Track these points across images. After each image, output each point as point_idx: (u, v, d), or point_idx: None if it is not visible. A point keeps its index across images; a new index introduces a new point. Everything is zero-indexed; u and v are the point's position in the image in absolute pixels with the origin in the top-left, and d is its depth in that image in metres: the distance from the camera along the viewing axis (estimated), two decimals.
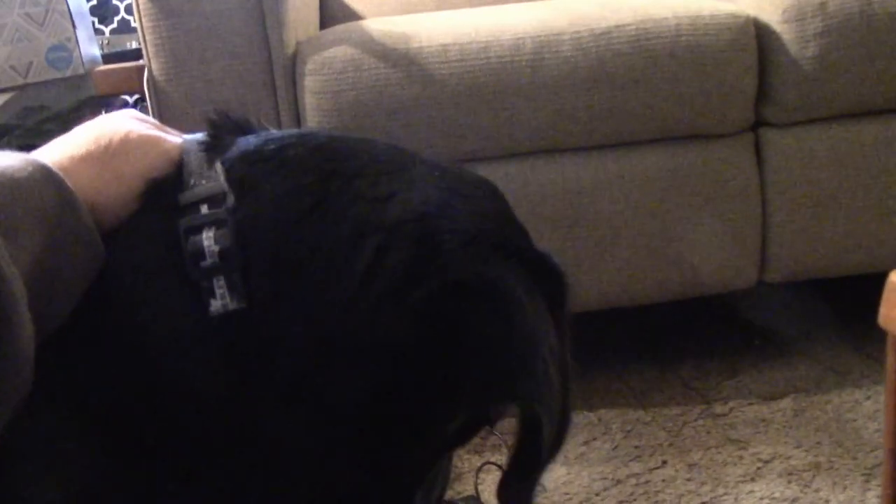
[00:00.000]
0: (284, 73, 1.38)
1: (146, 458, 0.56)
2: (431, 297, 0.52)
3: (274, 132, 0.61)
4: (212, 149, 0.60)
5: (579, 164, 1.42)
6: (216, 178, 0.57)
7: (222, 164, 0.58)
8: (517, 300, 0.53)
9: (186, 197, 0.56)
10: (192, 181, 0.57)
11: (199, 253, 0.54)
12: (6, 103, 1.41)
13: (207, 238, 0.54)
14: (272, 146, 0.58)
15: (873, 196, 1.46)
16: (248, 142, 0.60)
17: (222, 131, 0.62)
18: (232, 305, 0.53)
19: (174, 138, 0.61)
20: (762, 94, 1.43)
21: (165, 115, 1.38)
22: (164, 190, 0.58)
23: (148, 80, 1.38)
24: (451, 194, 0.57)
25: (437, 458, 0.59)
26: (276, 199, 0.55)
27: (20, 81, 1.39)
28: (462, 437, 0.59)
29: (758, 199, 1.46)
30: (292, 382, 0.54)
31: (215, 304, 0.54)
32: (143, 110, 1.63)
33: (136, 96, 1.96)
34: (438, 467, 0.61)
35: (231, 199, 0.56)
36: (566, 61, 1.36)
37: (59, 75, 1.39)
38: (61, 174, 0.54)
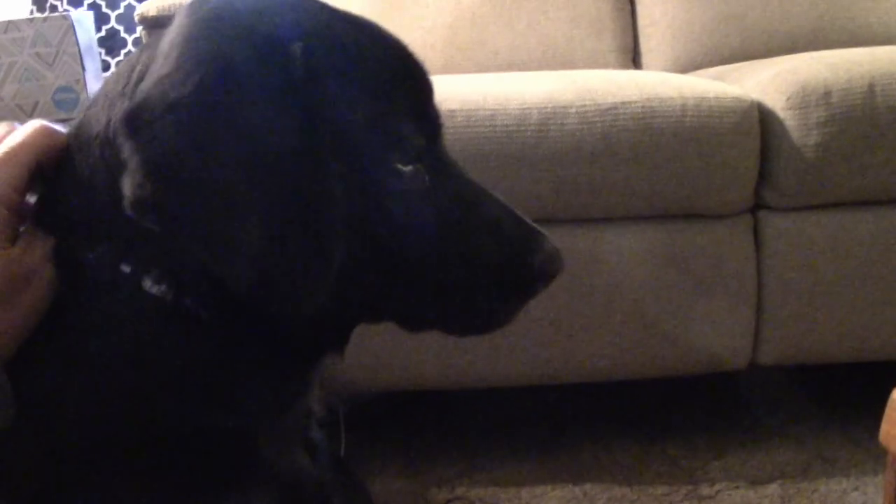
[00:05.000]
0: None
1: None
2: None
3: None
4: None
5: (577, 236, 1.42)
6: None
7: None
8: None
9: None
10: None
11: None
12: None
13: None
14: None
15: (869, 285, 1.46)
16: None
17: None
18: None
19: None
20: (763, 177, 1.44)
21: None
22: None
23: None
24: None
25: None
26: None
27: (25, 121, 1.38)
28: None
29: (754, 282, 1.46)
30: None
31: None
32: None
33: None
34: None
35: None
36: (571, 134, 1.37)
37: (64, 116, 1.39)
38: None
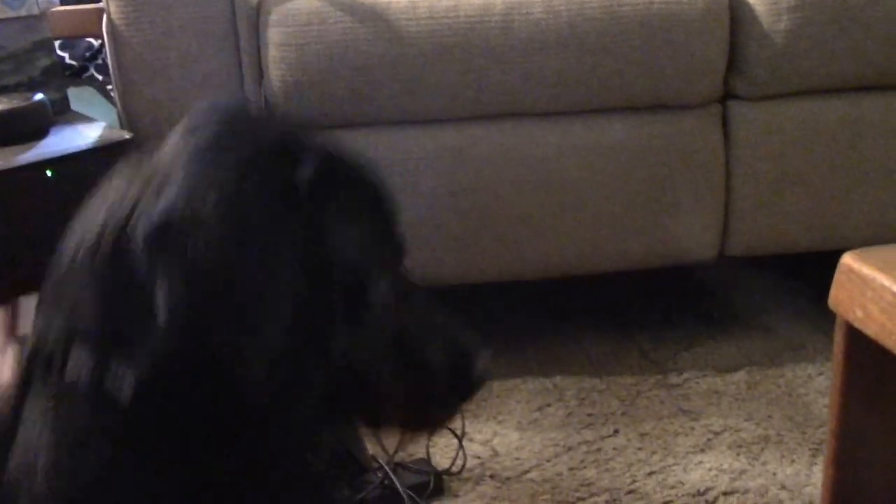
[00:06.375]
0: (247, 23, 1.34)
1: None
2: None
3: None
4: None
5: (546, 130, 1.41)
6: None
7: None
8: None
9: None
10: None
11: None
12: None
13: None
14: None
15: (838, 174, 1.46)
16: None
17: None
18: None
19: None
20: (732, 66, 1.42)
21: (123, 62, 1.33)
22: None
23: (106, 24, 1.33)
24: None
25: None
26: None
27: None
28: None
29: (722, 172, 1.45)
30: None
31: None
32: (102, 55, 1.58)
33: (98, 41, 1.90)
34: None
35: None
36: (536, 24, 1.34)
37: (12, 14, 1.34)
38: None
